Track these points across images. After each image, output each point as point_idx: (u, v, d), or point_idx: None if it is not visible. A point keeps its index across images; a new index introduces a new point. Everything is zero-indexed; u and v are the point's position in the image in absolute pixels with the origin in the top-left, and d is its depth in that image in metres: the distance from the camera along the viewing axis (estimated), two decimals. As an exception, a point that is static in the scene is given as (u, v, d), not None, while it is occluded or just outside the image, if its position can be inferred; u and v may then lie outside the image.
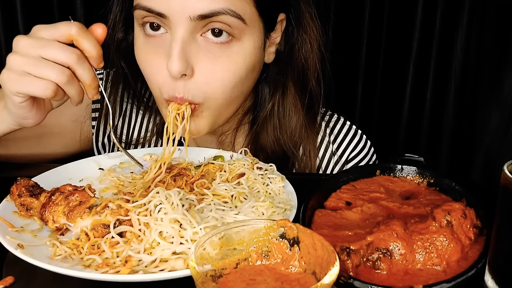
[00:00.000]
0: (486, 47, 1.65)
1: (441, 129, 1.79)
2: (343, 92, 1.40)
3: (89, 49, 0.82)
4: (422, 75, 1.73)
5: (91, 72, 0.84)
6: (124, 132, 1.18)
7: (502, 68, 1.56)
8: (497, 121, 1.57)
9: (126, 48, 1.04)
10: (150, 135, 1.15)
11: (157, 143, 1.16)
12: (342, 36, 1.70)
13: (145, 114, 1.17)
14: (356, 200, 0.83)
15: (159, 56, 0.89)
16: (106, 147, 1.20)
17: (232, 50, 0.89)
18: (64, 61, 0.80)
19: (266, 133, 1.05)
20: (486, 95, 1.66)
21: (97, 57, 0.83)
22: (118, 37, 1.04)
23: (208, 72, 0.88)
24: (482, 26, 1.65)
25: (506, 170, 0.59)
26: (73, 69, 0.82)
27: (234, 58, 0.89)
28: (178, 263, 0.66)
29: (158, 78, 0.91)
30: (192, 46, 0.87)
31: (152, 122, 1.16)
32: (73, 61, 0.81)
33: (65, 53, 0.80)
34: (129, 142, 1.16)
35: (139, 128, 1.17)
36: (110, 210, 0.72)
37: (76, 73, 0.82)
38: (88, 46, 0.82)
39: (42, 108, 0.90)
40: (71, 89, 0.83)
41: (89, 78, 0.84)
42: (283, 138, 1.05)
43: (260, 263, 0.61)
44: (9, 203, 0.80)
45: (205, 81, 0.89)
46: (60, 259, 0.69)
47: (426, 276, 0.65)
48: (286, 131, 1.05)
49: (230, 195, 0.83)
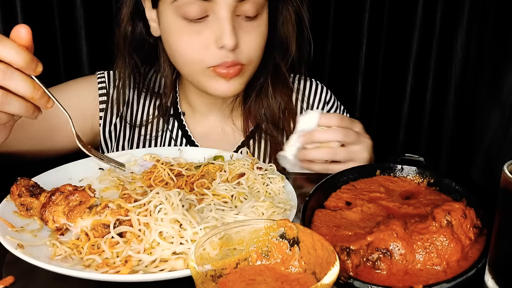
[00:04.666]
0: (486, 47, 1.65)
1: (441, 129, 1.78)
2: (343, 92, 1.40)
3: (12, 57, 0.72)
4: (422, 75, 1.73)
5: (28, 82, 0.74)
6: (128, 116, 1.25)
7: (502, 68, 1.56)
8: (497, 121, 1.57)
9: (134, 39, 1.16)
10: (153, 117, 1.24)
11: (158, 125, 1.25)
12: (342, 36, 1.70)
13: (146, 98, 1.26)
14: (356, 200, 0.83)
15: (203, 36, 1.04)
16: (113, 134, 1.25)
17: (258, 23, 1.09)
18: None
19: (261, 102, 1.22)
20: (486, 95, 1.66)
21: (26, 64, 0.73)
22: (127, 30, 1.15)
23: (247, 41, 1.07)
24: (482, 26, 1.65)
25: (506, 170, 0.59)
26: (3, 86, 0.73)
27: (261, 28, 1.10)
28: (178, 263, 0.66)
29: (202, 53, 1.05)
30: (235, 23, 1.04)
31: (153, 105, 1.25)
32: (0, 77, 0.72)
33: None
34: (133, 125, 1.25)
35: (142, 111, 1.26)
36: (110, 210, 0.72)
37: (9, 88, 0.73)
38: (8, 54, 0.72)
39: (1, 130, 0.83)
40: (13, 108, 0.75)
41: (27, 90, 0.74)
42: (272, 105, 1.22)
43: (260, 263, 0.61)
44: (9, 203, 0.80)
45: (248, 49, 1.07)
46: (60, 259, 0.69)
47: (426, 276, 0.65)
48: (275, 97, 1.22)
49: (230, 195, 0.83)
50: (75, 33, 1.55)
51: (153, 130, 1.24)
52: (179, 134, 1.24)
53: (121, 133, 1.25)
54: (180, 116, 1.25)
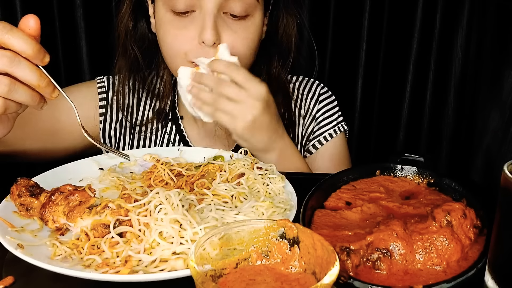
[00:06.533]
0: (486, 47, 1.65)
1: (441, 129, 1.78)
2: (343, 92, 1.40)
3: (20, 46, 0.74)
4: (422, 75, 1.73)
5: (34, 71, 0.76)
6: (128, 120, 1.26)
7: (502, 68, 1.56)
8: (497, 121, 1.57)
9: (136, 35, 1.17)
10: (152, 120, 1.25)
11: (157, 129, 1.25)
12: (342, 36, 1.70)
13: (146, 103, 1.26)
14: (356, 200, 0.83)
15: (188, 30, 1.05)
16: (113, 139, 1.25)
17: (248, 24, 1.07)
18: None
19: None
20: (486, 96, 1.66)
21: (34, 53, 0.75)
22: (129, 26, 1.16)
23: (231, 40, 1.05)
24: (482, 26, 1.65)
25: (506, 170, 0.59)
26: (10, 74, 0.74)
27: (250, 30, 1.08)
28: (178, 263, 0.66)
29: (186, 47, 1.06)
30: (219, 20, 1.04)
31: (152, 110, 1.26)
32: (6, 64, 0.73)
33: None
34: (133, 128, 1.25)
35: (142, 116, 1.26)
36: (110, 210, 0.72)
37: (16, 76, 0.75)
38: (17, 43, 0.74)
39: (4, 121, 0.84)
40: (20, 96, 0.76)
41: (33, 78, 0.76)
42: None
43: (260, 263, 0.61)
44: (9, 203, 0.80)
45: (231, 48, 1.03)
46: (60, 259, 0.69)
47: (426, 276, 0.65)
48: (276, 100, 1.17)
49: (230, 195, 0.83)
50: (75, 34, 1.55)
51: (152, 134, 1.25)
52: (176, 138, 1.24)
53: (121, 137, 1.26)
54: (178, 120, 1.25)
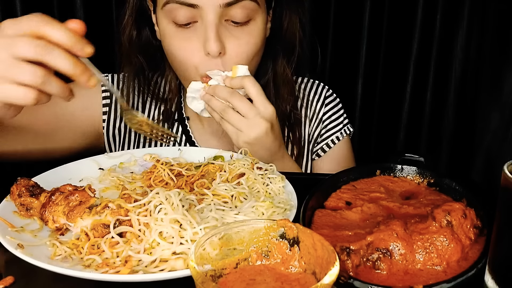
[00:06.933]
0: (486, 47, 1.65)
1: (441, 129, 1.79)
2: (343, 92, 1.40)
3: (57, 36, 0.74)
4: (422, 75, 1.73)
5: (69, 59, 0.75)
6: None
7: (502, 68, 1.56)
8: (497, 121, 1.57)
9: (141, 43, 1.17)
10: (157, 119, 1.24)
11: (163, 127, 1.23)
12: (342, 37, 1.70)
13: (151, 104, 1.26)
14: (356, 200, 0.83)
15: (192, 42, 1.04)
16: (117, 138, 1.24)
17: (250, 29, 1.07)
18: (32, 56, 0.73)
19: None
20: (486, 95, 1.66)
21: (72, 43, 0.75)
22: (133, 35, 1.16)
23: (235, 48, 1.05)
24: (482, 26, 1.65)
25: (506, 170, 0.59)
26: (44, 62, 0.74)
27: (253, 34, 1.07)
28: (178, 263, 0.66)
29: (195, 59, 1.05)
30: (222, 29, 1.04)
31: (158, 110, 1.25)
32: (39, 53, 0.73)
33: (29, 46, 0.73)
34: None
35: (147, 116, 1.25)
36: (110, 210, 0.72)
37: (50, 64, 0.75)
38: (53, 33, 0.74)
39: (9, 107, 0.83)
40: (51, 88, 0.77)
41: (68, 66, 0.75)
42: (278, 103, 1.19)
43: (260, 263, 0.61)
44: (9, 203, 0.80)
45: (235, 55, 1.06)
46: (60, 259, 0.69)
47: (426, 276, 0.65)
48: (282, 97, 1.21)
49: (230, 195, 0.83)
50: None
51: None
52: (183, 139, 1.24)
53: (125, 137, 1.25)
54: (184, 121, 1.24)
